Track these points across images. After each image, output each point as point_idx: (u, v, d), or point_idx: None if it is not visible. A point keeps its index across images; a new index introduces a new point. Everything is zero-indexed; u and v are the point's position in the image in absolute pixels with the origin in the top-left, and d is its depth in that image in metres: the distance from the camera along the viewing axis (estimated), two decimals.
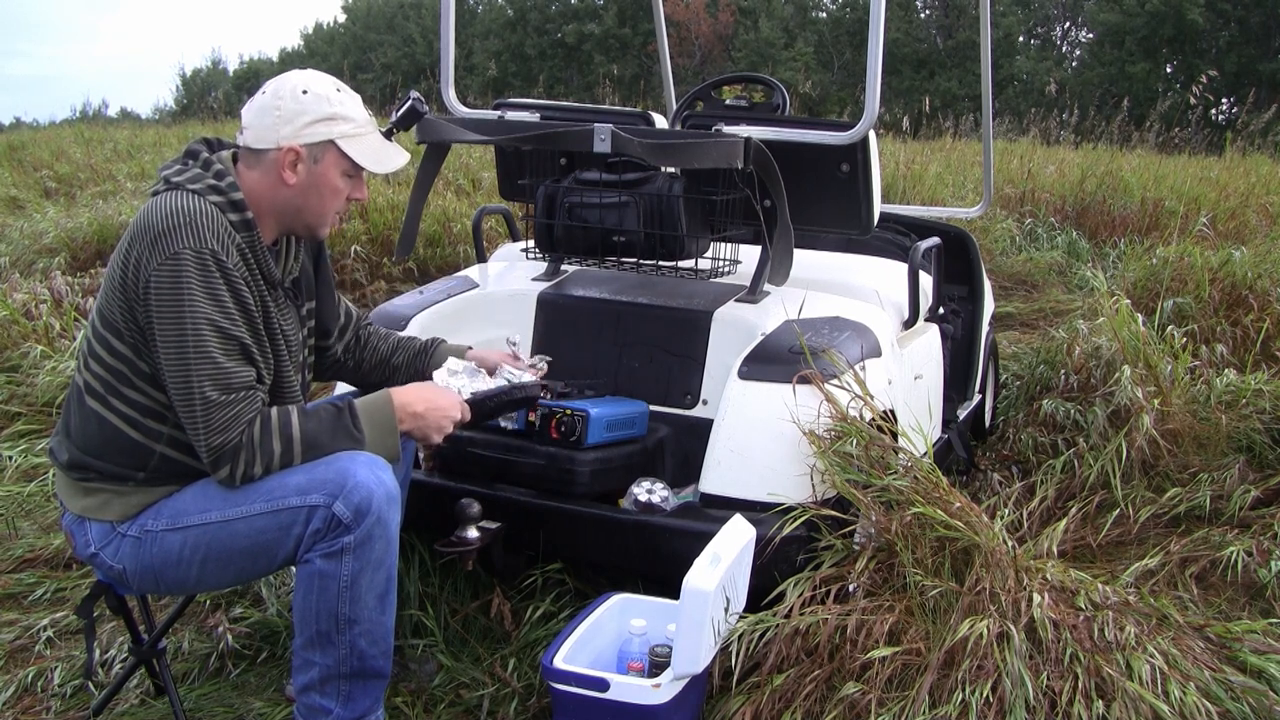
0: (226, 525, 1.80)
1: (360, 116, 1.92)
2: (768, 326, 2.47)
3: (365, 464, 1.80)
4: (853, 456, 2.21)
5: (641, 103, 14.34)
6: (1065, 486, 3.25)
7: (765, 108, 2.97)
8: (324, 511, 1.76)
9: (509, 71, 29.60)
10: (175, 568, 1.85)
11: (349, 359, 2.29)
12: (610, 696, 1.89)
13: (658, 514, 2.27)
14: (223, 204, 1.82)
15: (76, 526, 1.90)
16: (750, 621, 2.03)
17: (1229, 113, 20.76)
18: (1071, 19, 31.06)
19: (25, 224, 7.23)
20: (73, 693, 2.33)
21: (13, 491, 3.38)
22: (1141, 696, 1.92)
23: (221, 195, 1.82)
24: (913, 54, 28.92)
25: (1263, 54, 25.35)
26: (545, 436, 2.35)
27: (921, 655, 2.00)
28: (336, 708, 1.86)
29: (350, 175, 1.93)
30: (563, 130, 2.42)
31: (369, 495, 1.77)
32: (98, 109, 22.00)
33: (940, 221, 3.90)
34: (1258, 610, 2.67)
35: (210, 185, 1.82)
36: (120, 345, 1.81)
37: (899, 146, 10.30)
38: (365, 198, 2.00)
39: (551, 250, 2.80)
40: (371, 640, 1.85)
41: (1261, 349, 3.88)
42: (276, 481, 1.79)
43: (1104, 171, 8.90)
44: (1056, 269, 7.41)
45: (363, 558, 1.79)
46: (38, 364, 4.15)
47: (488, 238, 4.42)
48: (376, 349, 2.29)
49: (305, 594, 1.80)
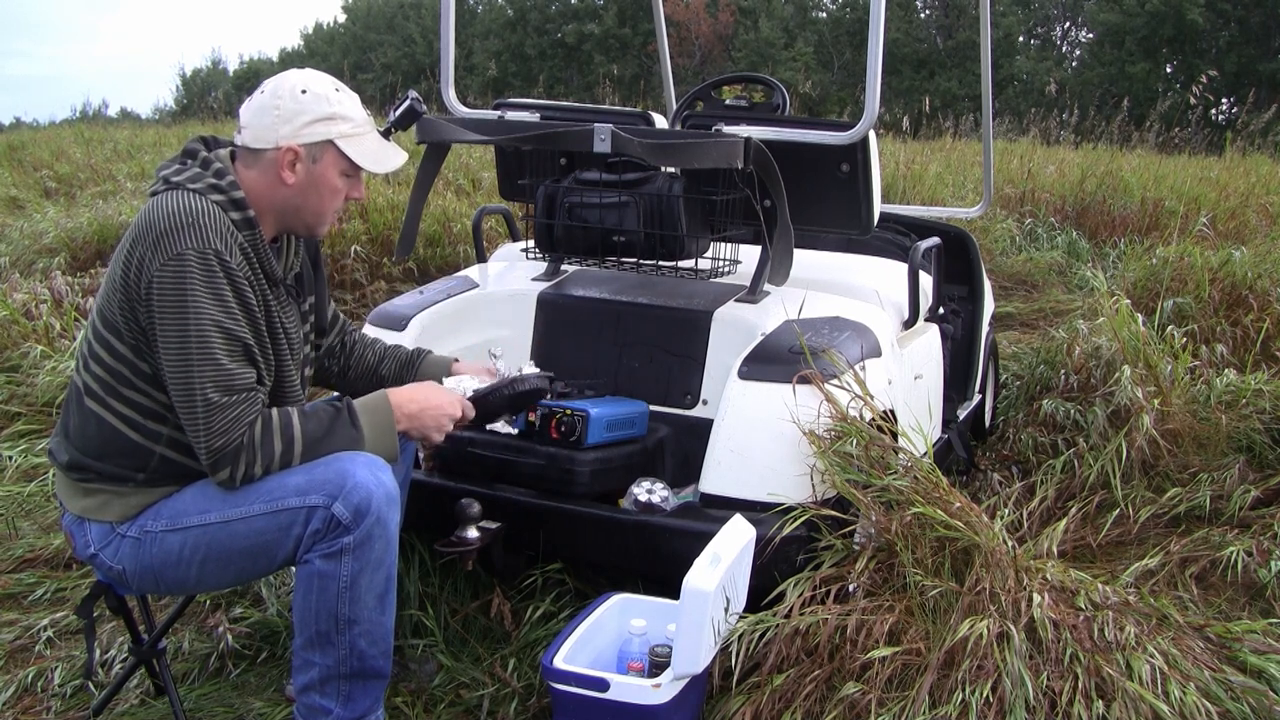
0: (226, 526, 1.80)
1: (359, 116, 1.92)
2: (768, 326, 2.47)
3: (364, 464, 1.80)
4: (853, 456, 2.21)
5: (641, 103, 14.34)
6: (1065, 486, 3.25)
7: (765, 108, 2.97)
8: (323, 512, 1.76)
9: (509, 71, 29.60)
10: (175, 568, 1.85)
11: (334, 364, 2.28)
12: (610, 696, 1.89)
13: (658, 514, 2.27)
14: (224, 203, 1.81)
15: (76, 527, 1.90)
16: (750, 621, 2.03)
17: (1229, 113, 20.76)
18: (1071, 19, 31.06)
19: (25, 224, 7.22)
20: (73, 693, 2.33)
21: (13, 491, 3.38)
22: (1141, 696, 1.92)
23: (223, 194, 1.82)
24: (913, 54, 28.91)
25: (1263, 54, 25.35)
26: (545, 436, 2.35)
27: (921, 655, 2.00)
28: (336, 708, 1.86)
29: (349, 175, 1.93)
30: (563, 130, 2.42)
31: (368, 496, 1.76)
32: (98, 109, 22.03)
33: (940, 221, 3.90)
34: (1258, 610, 2.67)
35: (211, 184, 1.82)
36: (121, 346, 1.80)
37: (899, 146, 10.30)
38: (363, 197, 2.00)
39: (551, 250, 2.80)
40: (371, 640, 1.85)
41: (1261, 349, 3.88)
42: (276, 482, 1.79)
43: (1104, 171, 8.90)
44: (1056, 269, 7.41)
45: (362, 558, 1.79)
46: (38, 364, 4.15)
47: (488, 238, 4.42)
48: (363, 357, 2.28)
49: (305, 594, 1.80)
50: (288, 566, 1.87)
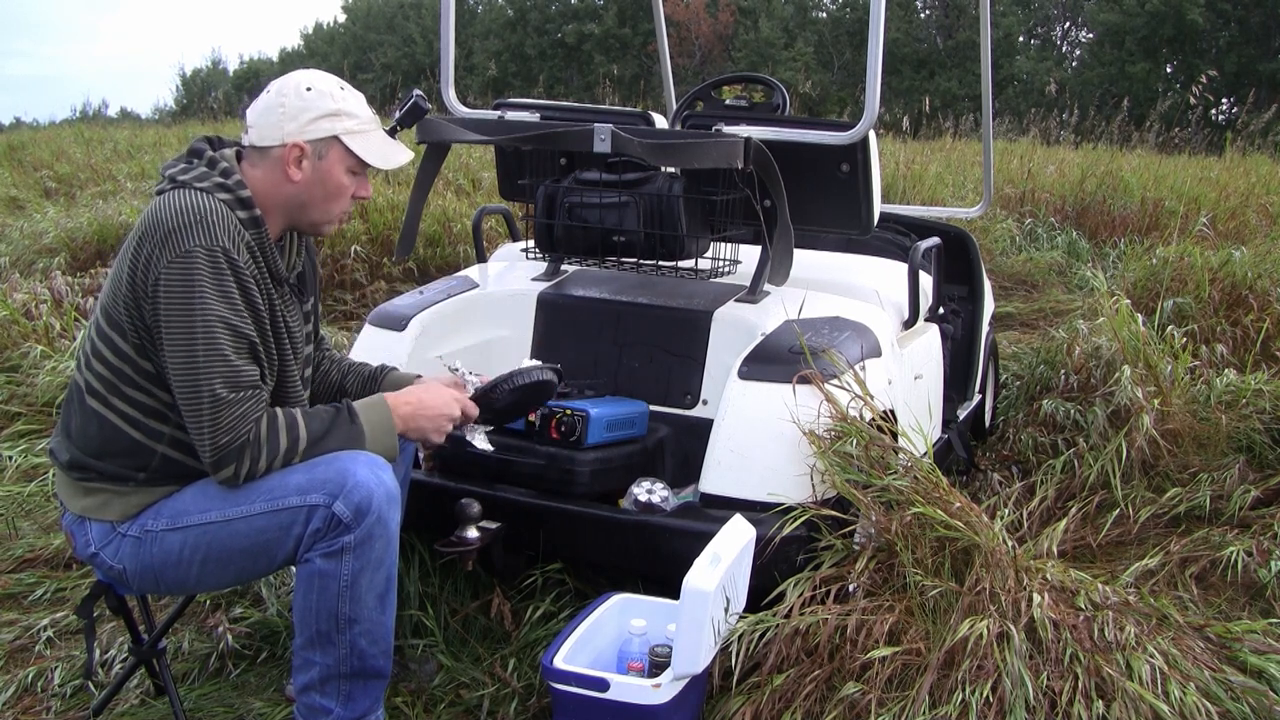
0: (227, 525, 1.80)
1: (364, 114, 1.92)
2: (768, 326, 2.47)
3: (365, 463, 1.80)
4: (853, 456, 2.21)
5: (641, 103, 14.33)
6: (1065, 486, 3.25)
7: (765, 108, 2.97)
8: (324, 511, 1.76)
9: (509, 71, 29.60)
10: (175, 567, 1.85)
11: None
12: (610, 696, 1.89)
13: (658, 514, 2.27)
14: (231, 201, 1.81)
15: (77, 526, 1.90)
16: (750, 621, 2.03)
17: (1229, 113, 20.76)
18: (1071, 19, 31.07)
19: (25, 224, 7.22)
20: (73, 693, 2.33)
21: (13, 491, 3.38)
22: (1141, 696, 1.92)
23: (229, 193, 1.82)
24: (913, 54, 28.92)
25: (1263, 54, 25.35)
26: (545, 436, 2.35)
27: (921, 655, 2.00)
28: (337, 707, 1.86)
29: (355, 172, 1.93)
30: (563, 130, 2.42)
31: (369, 495, 1.77)
32: (98, 109, 22.08)
33: (940, 221, 3.90)
34: (1258, 610, 2.67)
35: (218, 183, 1.82)
36: (124, 345, 1.81)
37: (899, 146, 10.30)
38: (369, 195, 2.00)
39: (551, 250, 2.80)
40: (372, 640, 1.85)
41: (1261, 349, 3.88)
42: (277, 481, 1.79)
43: (1104, 171, 8.90)
44: (1056, 269, 7.41)
45: (363, 557, 1.79)
46: (38, 364, 4.15)
47: (488, 238, 4.42)
48: (328, 374, 2.26)
49: (305, 593, 1.80)
50: (288, 566, 1.87)
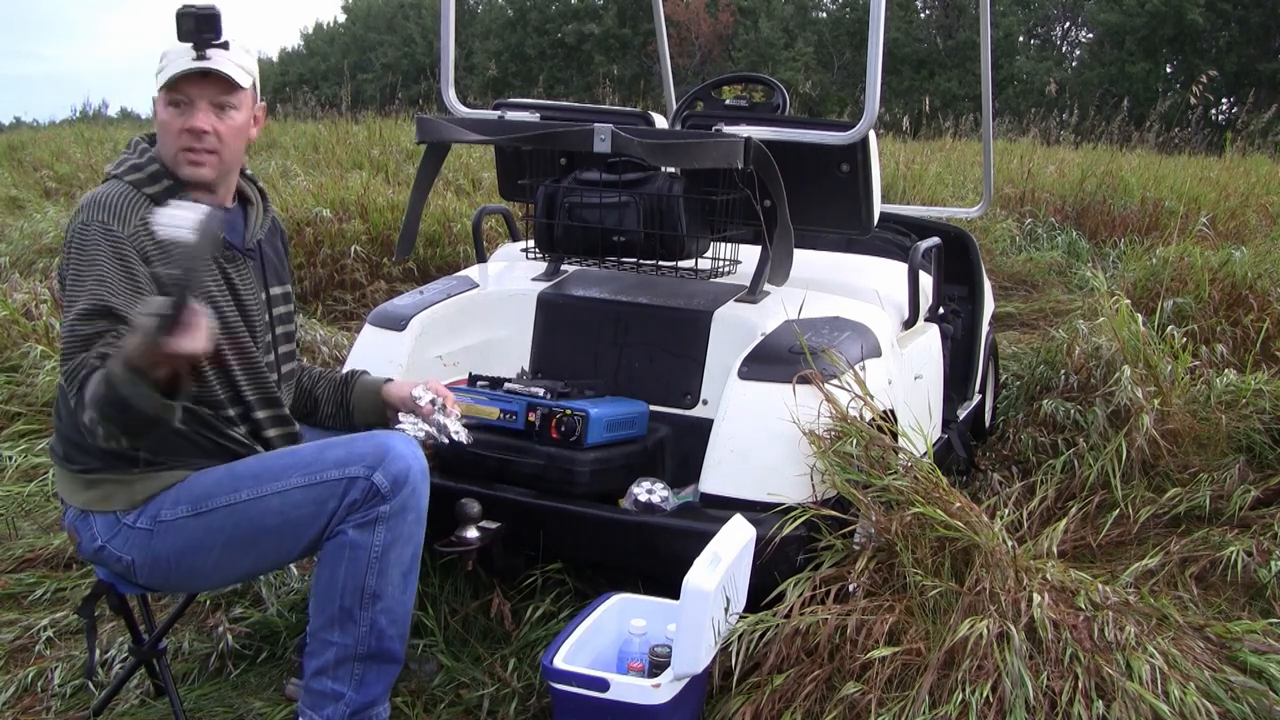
0: (259, 502, 1.83)
1: (172, 51, 1.93)
2: (768, 326, 2.47)
3: (401, 440, 1.87)
4: (853, 456, 2.21)
5: (641, 103, 14.32)
6: (1065, 486, 3.25)
7: (765, 108, 2.97)
8: (364, 483, 1.80)
9: (509, 71, 29.58)
10: (192, 555, 1.85)
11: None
12: (610, 696, 1.89)
13: (658, 514, 2.27)
14: (141, 179, 1.91)
15: (80, 522, 1.90)
16: (750, 621, 2.03)
17: (1229, 113, 20.76)
18: (1071, 19, 31.07)
19: (25, 224, 7.22)
20: (73, 693, 2.33)
21: (13, 491, 3.38)
22: (1141, 696, 1.92)
23: (139, 171, 1.92)
24: (913, 54, 28.91)
25: (1263, 54, 25.36)
26: (545, 436, 2.35)
27: (921, 655, 2.00)
28: (349, 691, 1.86)
29: (174, 104, 1.92)
30: (563, 130, 2.42)
31: (407, 468, 1.82)
32: (98, 109, 22.04)
33: (940, 221, 3.90)
34: (1258, 610, 2.67)
35: (131, 165, 1.93)
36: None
37: (899, 146, 10.30)
38: (200, 124, 1.92)
39: (551, 250, 2.80)
40: (391, 619, 1.86)
41: (1261, 349, 3.88)
42: (314, 455, 1.85)
43: (1104, 171, 8.90)
44: (1056, 269, 7.41)
45: (395, 529, 1.82)
46: (38, 364, 4.14)
47: (488, 238, 4.42)
48: (299, 382, 2.26)
49: (333, 566, 1.82)
50: (310, 555, 1.89)
